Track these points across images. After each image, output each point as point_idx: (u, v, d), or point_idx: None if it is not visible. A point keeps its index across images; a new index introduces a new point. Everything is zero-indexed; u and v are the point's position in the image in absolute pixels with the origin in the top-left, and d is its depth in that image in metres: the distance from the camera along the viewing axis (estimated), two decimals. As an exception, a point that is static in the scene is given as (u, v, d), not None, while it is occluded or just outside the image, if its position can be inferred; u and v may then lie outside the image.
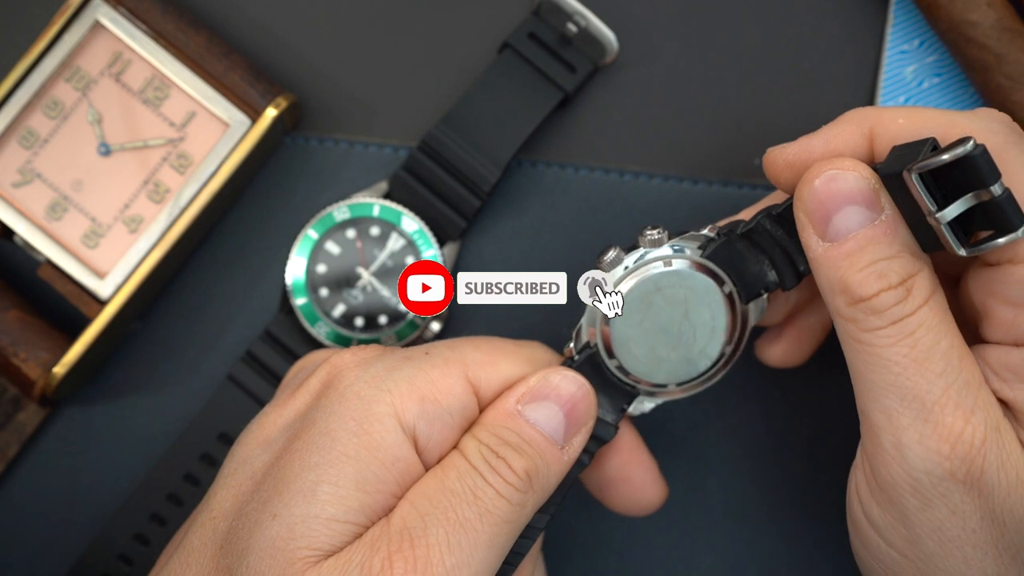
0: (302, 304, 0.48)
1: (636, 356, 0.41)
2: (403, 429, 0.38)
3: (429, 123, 0.49)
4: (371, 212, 0.48)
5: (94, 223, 0.48)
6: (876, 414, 0.37)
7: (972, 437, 0.36)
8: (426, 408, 0.38)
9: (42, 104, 0.48)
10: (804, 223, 0.38)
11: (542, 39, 0.48)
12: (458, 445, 0.39)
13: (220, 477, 0.40)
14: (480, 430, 0.39)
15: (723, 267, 0.40)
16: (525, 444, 0.38)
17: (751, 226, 0.40)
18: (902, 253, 0.37)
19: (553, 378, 0.40)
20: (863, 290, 0.37)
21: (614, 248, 0.40)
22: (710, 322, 0.40)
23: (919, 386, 0.36)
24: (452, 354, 0.39)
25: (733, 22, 0.50)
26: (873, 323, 0.37)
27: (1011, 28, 0.47)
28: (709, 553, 0.49)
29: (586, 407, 0.40)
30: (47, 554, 0.49)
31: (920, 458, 0.36)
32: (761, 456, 0.49)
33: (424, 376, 0.38)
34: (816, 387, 0.49)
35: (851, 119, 0.39)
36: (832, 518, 0.49)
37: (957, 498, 0.36)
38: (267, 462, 0.38)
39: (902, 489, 0.37)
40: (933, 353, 0.36)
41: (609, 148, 0.50)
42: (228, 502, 0.38)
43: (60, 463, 0.49)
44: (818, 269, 0.38)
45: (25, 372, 0.47)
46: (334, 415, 0.38)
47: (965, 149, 0.34)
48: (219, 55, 0.48)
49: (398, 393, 0.38)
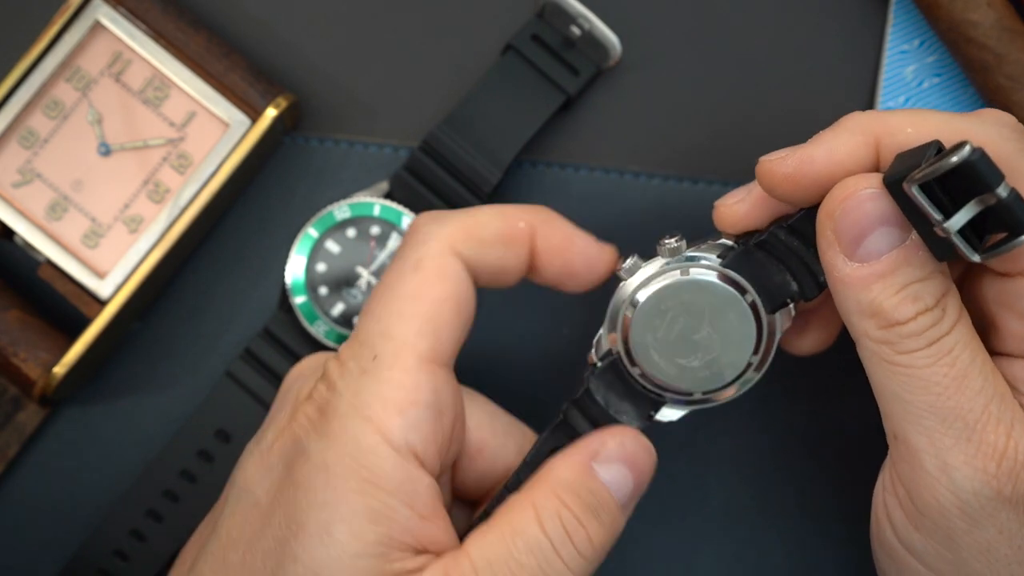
0: (301, 303, 0.48)
1: (658, 364, 0.40)
2: (397, 451, 0.37)
3: (430, 123, 0.49)
4: (372, 211, 0.48)
5: (94, 223, 0.48)
6: (915, 437, 0.36)
7: (1015, 453, 0.35)
8: (408, 418, 0.38)
9: (42, 104, 0.48)
10: (831, 241, 0.36)
11: (546, 41, 0.48)
12: (534, 502, 0.38)
13: (223, 503, 0.40)
14: (561, 489, 0.38)
15: (745, 276, 0.40)
16: (603, 510, 0.38)
17: (764, 237, 0.39)
18: (934, 273, 0.36)
19: (629, 445, 0.40)
20: (899, 314, 0.35)
21: (633, 256, 0.40)
22: (734, 331, 0.40)
23: (961, 405, 0.35)
24: (395, 344, 0.39)
25: (734, 23, 0.50)
26: (909, 345, 0.36)
27: (1011, 28, 0.47)
28: (709, 553, 0.49)
29: (651, 474, 0.40)
30: (47, 554, 0.49)
31: (968, 479, 0.35)
32: (761, 456, 0.49)
33: (388, 385, 0.38)
34: (816, 387, 0.49)
35: (853, 127, 0.37)
36: (832, 518, 0.49)
37: (1004, 516, 0.36)
38: (269, 491, 0.38)
39: (949, 512, 0.36)
40: (971, 370, 0.35)
41: (609, 148, 0.50)
42: (235, 531, 0.38)
43: (60, 463, 0.49)
44: (844, 290, 0.36)
45: (25, 372, 0.47)
46: (330, 451, 0.37)
47: (962, 156, 0.33)
48: (219, 55, 0.48)
49: (376, 419, 0.38)
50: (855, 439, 0.43)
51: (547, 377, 0.49)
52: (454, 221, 0.41)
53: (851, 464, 0.45)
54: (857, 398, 0.44)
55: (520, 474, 0.41)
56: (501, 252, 0.41)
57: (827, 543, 0.49)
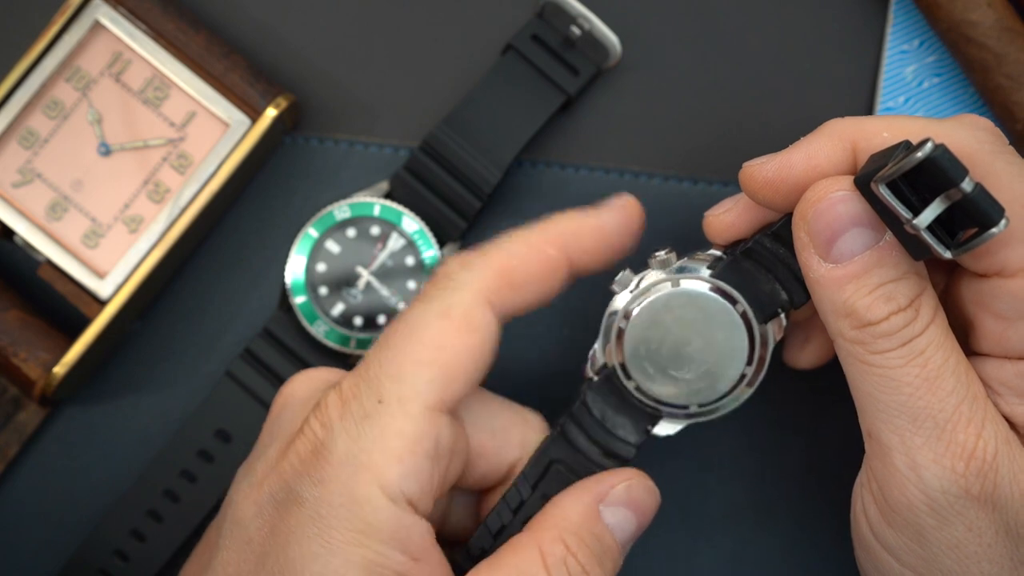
0: (301, 303, 0.48)
1: (652, 377, 0.40)
2: (393, 501, 0.37)
3: (430, 123, 0.49)
4: (372, 211, 0.48)
5: (94, 223, 0.48)
6: (887, 435, 0.37)
7: (984, 452, 0.36)
8: (406, 467, 0.38)
9: (42, 104, 0.48)
10: (805, 243, 0.37)
11: (546, 41, 0.48)
12: (540, 546, 0.38)
13: (221, 537, 0.39)
14: (568, 535, 0.38)
15: (734, 286, 0.40)
16: (607, 556, 0.39)
17: (749, 245, 0.39)
18: (908, 273, 0.36)
19: (636, 489, 0.40)
20: (871, 314, 0.36)
21: (625, 269, 0.40)
22: (726, 343, 0.40)
23: (932, 405, 0.36)
24: (404, 389, 0.38)
25: (734, 24, 0.50)
26: (882, 345, 0.36)
27: (1011, 28, 0.47)
28: (709, 553, 0.49)
29: (653, 515, 0.40)
30: (47, 553, 0.49)
31: (936, 477, 0.36)
32: (761, 456, 0.49)
33: (390, 433, 0.38)
34: (816, 387, 0.49)
35: (831, 132, 0.38)
36: (832, 518, 0.49)
37: (973, 514, 0.36)
38: (261, 529, 0.38)
39: (918, 510, 0.37)
40: (943, 371, 0.36)
41: (610, 148, 0.50)
42: (232, 567, 0.38)
43: (60, 463, 0.49)
44: (819, 291, 0.37)
45: (25, 372, 0.47)
46: (322, 502, 0.37)
47: (925, 152, 0.33)
48: (219, 55, 0.48)
49: (375, 467, 0.37)
50: (855, 439, 0.43)
51: (547, 377, 0.49)
52: (488, 267, 0.40)
53: (850, 464, 0.45)
54: (857, 398, 0.44)
55: (520, 488, 0.41)
56: (536, 290, 0.41)
57: (826, 543, 0.49)
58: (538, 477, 0.41)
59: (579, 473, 0.41)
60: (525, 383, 0.49)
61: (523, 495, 0.40)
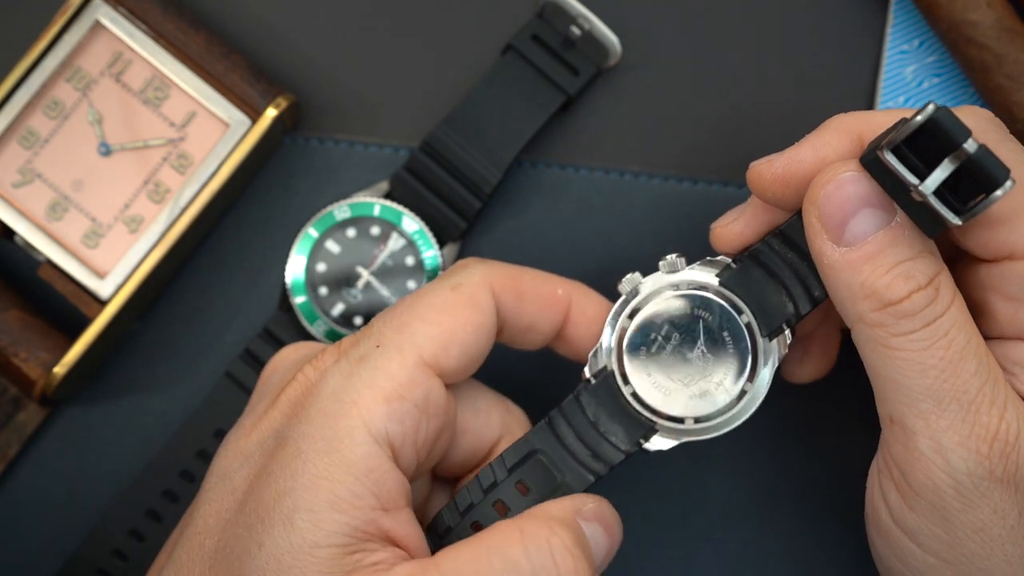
0: (301, 302, 0.48)
1: (650, 384, 0.40)
2: (375, 438, 0.37)
3: (431, 124, 0.49)
4: (372, 211, 0.48)
5: (94, 223, 0.48)
6: (911, 419, 0.36)
7: (1007, 434, 0.36)
8: (393, 408, 0.38)
9: (42, 104, 0.48)
10: (817, 229, 0.37)
11: (546, 41, 0.48)
12: (521, 527, 0.37)
13: (202, 491, 0.39)
14: (553, 521, 0.38)
15: (741, 295, 0.39)
16: (588, 557, 0.38)
17: (758, 246, 0.39)
18: (923, 253, 0.36)
19: (606, 511, 0.40)
20: (892, 293, 0.36)
21: (632, 273, 0.40)
22: (728, 354, 0.40)
23: (956, 387, 0.36)
24: (403, 339, 0.39)
25: (734, 23, 0.50)
26: (905, 327, 0.36)
27: (1011, 28, 0.47)
28: (709, 553, 0.49)
29: (618, 546, 0.40)
30: (47, 553, 0.49)
31: (963, 460, 0.36)
32: (761, 456, 0.49)
33: (383, 375, 0.38)
34: (816, 387, 0.49)
35: (837, 126, 0.38)
36: (832, 517, 0.49)
37: (997, 496, 0.36)
38: (246, 478, 0.38)
39: (944, 493, 0.36)
40: (967, 352, 0.36)
41: (610, 148, 0.50)
42: (212, 518, 0.38)
43: (60, 463, 0.49)
44: (836, 276, 0.37)
45: (25, 372, 0.47)
46: (305, 437, 0.37)
47: (927, 113, 0.33)
48: (219, 55, 0.48)
49: (362, 403, 0.37)
50: (855, 439, 0.43)
51: (547, 377, 0.49)
52: (501, 268, 0.41)
53: (851, 464, 0.45)
54: (857, 398, 0.44)
55: (495, 468, 0.40)
56: (536, 310, 0.41)
57: (826, 543, 0.49)
58: (516, 462, 0.40)
59: (560, 469, 0.40)
60: (526, 383, 0.49)
61: (497, 476, 0.40)
